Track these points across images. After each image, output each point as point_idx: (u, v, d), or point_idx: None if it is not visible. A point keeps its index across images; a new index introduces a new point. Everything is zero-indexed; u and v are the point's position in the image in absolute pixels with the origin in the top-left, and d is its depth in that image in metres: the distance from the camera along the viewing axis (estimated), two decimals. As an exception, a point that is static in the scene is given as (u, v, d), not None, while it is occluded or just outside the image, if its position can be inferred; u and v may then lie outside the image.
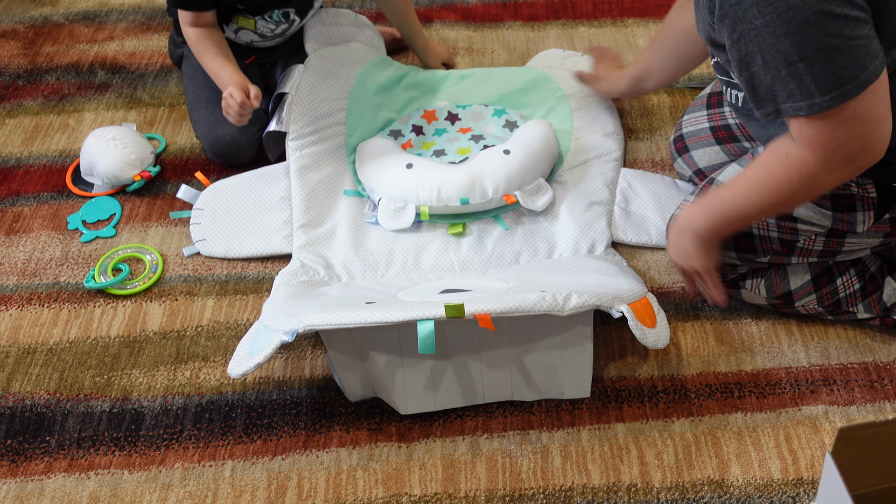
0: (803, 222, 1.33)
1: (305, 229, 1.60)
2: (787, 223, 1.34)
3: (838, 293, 1.41)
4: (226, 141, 1.70)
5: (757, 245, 1.37)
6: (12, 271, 1.60)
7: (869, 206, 1.29)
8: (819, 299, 1.42)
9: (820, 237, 1.34)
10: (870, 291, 1.42)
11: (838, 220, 1.31)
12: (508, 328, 1.27)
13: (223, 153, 1.71)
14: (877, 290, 1.42)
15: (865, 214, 1.30)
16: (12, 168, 1.80)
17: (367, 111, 1.79)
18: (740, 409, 1.36)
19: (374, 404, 1.38)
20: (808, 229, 1.33)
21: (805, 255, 1.38)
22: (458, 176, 1.58)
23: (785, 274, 1.41)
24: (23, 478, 1.30)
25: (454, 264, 1.55)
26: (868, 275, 1.42)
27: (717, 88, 1.62)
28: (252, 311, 1.52)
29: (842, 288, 1.41)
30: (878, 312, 1.43)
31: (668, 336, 1.32)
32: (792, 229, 1.34)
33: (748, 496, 1.26)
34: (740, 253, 1.38)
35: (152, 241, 1.64)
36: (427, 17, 2.16)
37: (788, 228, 1.34)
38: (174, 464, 1.32)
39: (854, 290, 1.41)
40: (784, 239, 1.35)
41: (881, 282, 1.42)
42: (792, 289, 1.41)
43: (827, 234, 1.33)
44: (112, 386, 1.42)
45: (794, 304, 1.43)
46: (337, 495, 1.27)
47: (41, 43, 2.11)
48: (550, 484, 1.28)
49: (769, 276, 1.42)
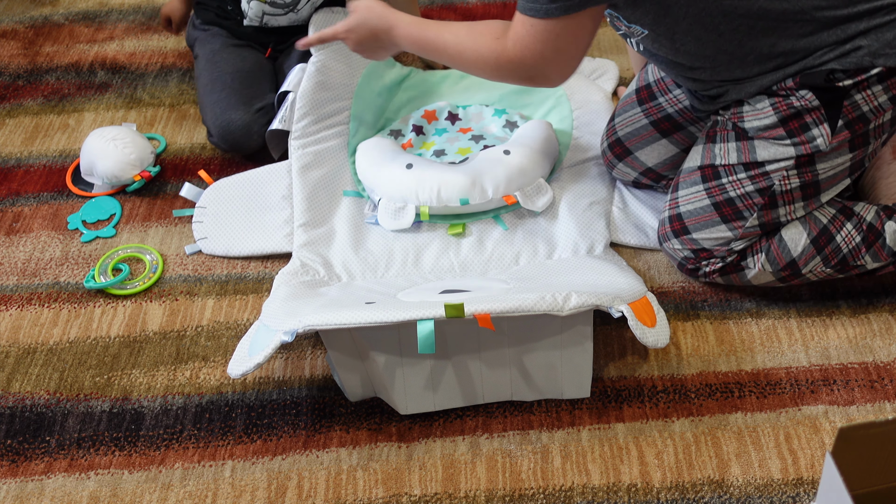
0: (770, 162, 1.35)
1: (306, 228, 1.60)
2: (756, 170, 1.37)
3: (841, 250, 1.41)
4: (236, 126, 1.70)
5: (740, 206, 1.39)
6: (12, 271, 1.60)
7: (819, 119, 1.31)
8: (824, 260, 1.41)
9: (791, 171, 1.35)
10: (871, 241, 1.41)
11: (799, 145, 1.33)
12: (508, 328, 1.27)
13: (231, 139, 1.71)
14: (878, 237, 1.41)
15: (820, 128, 1.31)
16: (12, 168, 1.80)
17: (370, 112, 1.79)
18: (740, 409, 1.36)
19: (374, 404, 1.38)
20: (778, 167, 1.35)
21: (789, 199, 1.38)
22: (458, 176, 1.58)
23: (783, 241, 1.41)
24: (23, 478, 1.30)
25: (454, 265, 1.55)
26: (866, 225, 1.42)
27: (642, 83, 1.61)
28: (252, 311, 1.52)
29: (843, 244, 1.41)
30: (887, 259, 1.42)
31: (668, 335, 1.32)
32: (763, 174, 1.36)
33: (748, 496, 1.26)
34: (729, 223, 1.40)
35: (152, 241, 1.65)
36: (427, 18, 2.15)
37: (760, 175, 1.36)
38: (174, 464, 1.32)
39: (857, 244, 1.41)
40: (760, 188, 1.37)
41: (881, 228, 1.42)
42: (794, 256, 1.41)
43: (797, 166, 1.35)
44: (112, 386, 1.42)
45: (801, 272, 1.42)
46: (337, 495, 1.27)
47: (41, 43, 2.11)
48: (550, 484, 1.28)
49: (768, 248, 1.42)
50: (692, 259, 1.45)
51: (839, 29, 1.26)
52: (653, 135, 1.57)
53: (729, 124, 1.40)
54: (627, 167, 1.61)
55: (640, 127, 1.58)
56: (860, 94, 1.29)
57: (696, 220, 1.42)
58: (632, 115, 1.60)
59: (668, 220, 1.47)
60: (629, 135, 1.59)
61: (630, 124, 1.59)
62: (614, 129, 1.62)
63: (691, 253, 1.44)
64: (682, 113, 1.55)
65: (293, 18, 1.82)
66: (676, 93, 1.55)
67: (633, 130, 1.59)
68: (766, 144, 1.35)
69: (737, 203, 1.39)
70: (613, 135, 1.61)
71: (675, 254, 1.47)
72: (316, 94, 1.72)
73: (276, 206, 1.65)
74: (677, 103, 1.55)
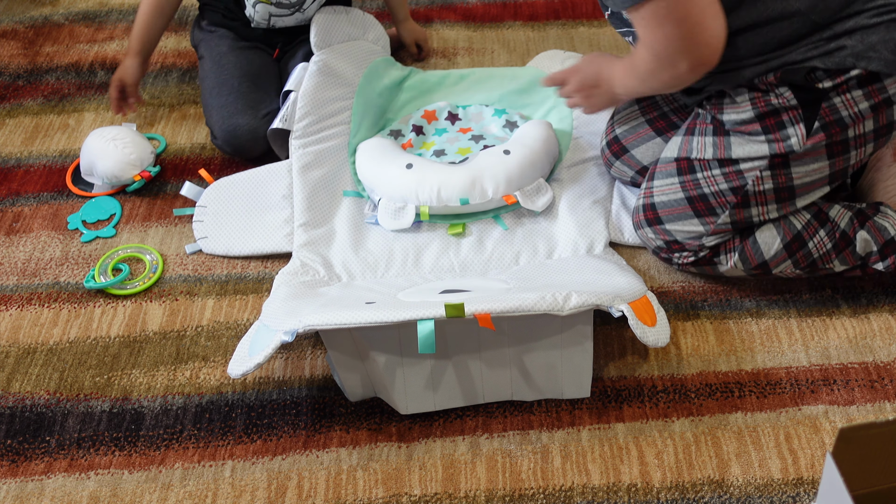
0: (743, 160, 1.36)
1: (306, 228, 1.60)
2: (730, 167, 1.37)
3: (812, 255, 1.42)
4: (243, 131, 1.69)
5: (713, 202, 1.40)
6: (12, 271, 1.60)
7: (795, 118, 1.31)
8: (795, 263, 1.43)
9: (765, 172, 1.35)
10: (842, 248, 1.43)
11: (773, 142, 1.33)
12: (508, 328, 1.27)
13: (237, 143, 1.71)
14: (849, 244, 1.43)
15: (796, 128, 1.31)
16: (12, 168, 1.80)
17: (371, 112, 1.79)
18: (740, 408, 1.36)
19: (374, 404, 1.38)
20: (751, 166, 1.36)
21: (762, 200, 1.38)
22: (458, 176, 1.58)
23: (756, 244, 1.42)
24: (23, 478, 1.30)
25: (454, 265, 1.55)
26: (839, 233, 1.43)
27: None
28: (252, 311, 1.52)
29: (814, 250, 1.42)
30: (854, 262, 1.44)
31: (668, 334, 1.32)
32: (736, 172, 1.37)
33: (748, 496, 1.26)
34: (701, 217, 1.41)
35: (152, 241, 1.65)
36: (427, 17, 2.16)
37: (733, 172, 1.37)
38: (174, 464, 1.32)
39: (827, 250, 1.42)
40: (734, 186, 1.38)
41: (852, 236, 1.43)
42: (766, 258, 1.42)
43: (770, 167, 1.35)
44: (112, 386, 1.42)
45: (771, 272, 1.44)
46: (337, 495, 1.27)
47: (41, 43, 2.11)
48: (550, 484, 1.28)
49: (742, 249, 1.43)
50: (664, 249, 1.48)
51: (827, 28, 1.26)
52: (648, 133, 1.58)
53: (708, 117, 1.41)
54: (624, 165, 1.61)
55: (636, 125, 1.59)
56: (839, 98, 1.29)
57: (669, 212, 1.45)
58: (629, 113, 1.61)
59: (641, 209, 1.49)
60: (626, 132, 1.60)
61: (627, 122, 1.61)
62: (613, 127, 1.63)
63: (664, 244, 1.47)
64: (677, 112, 1.56)
65: (300, 18, 1.82)
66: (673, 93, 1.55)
67: (630, 128, 1.60)
68: (742, 141, 1.36)
69: (710, 199, 1.40)
70: (612, 132, 1.62)
71: (648, 242, 1.51)
72: (317, 94, 1.72)
73: (277, 206, 1.65)
74: (673, 101, 1.57)
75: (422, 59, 2.02)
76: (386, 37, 1.94)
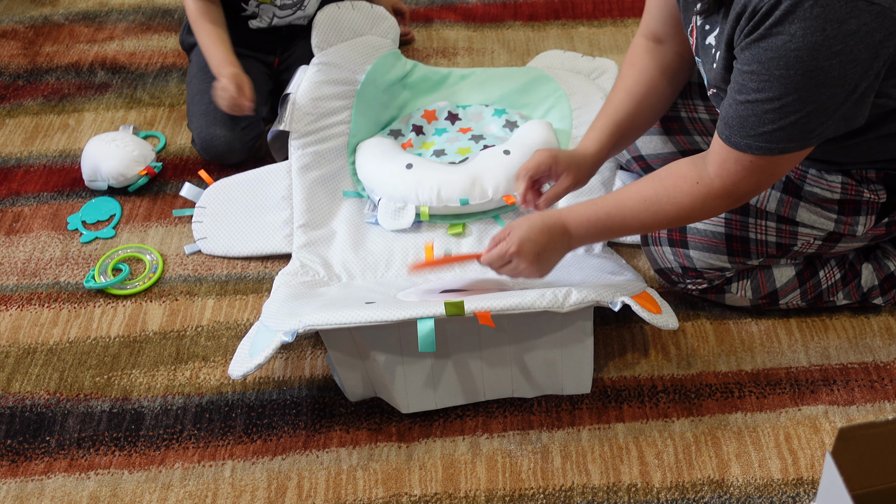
0: (805, 226, 1.33)
1: (305, 229, 1.60)
2: (787, 227, 1.34)
3: (821, 286, 1.42)
4: (219, 142, 1.70)
5: (752, 248, 1.36)
6: (12, 271, 1.60)
7: (873, 209, 1.30)
8: (802, 294, 1.43)
9: (818, 241, 1.34)
10: (850, 279, 1.43)
11: (841, 223, 1.31)
12: (509, 325, 1.27)
13: (214, 153, 1.72)
14: (856, 276, 1.43)
15: (868, 218, 1.31)
16: (12, 168, 1.80)
17: (371, 112, 1.78)
18: (740, 409, 1.36)
19: (374, 404, 1.38)
20: (809, 233, 1.33)
21: (797, 256, 1.38)
22: (458, 176, 1.58)
23: (770, 273, 1.41)
24: (23, 478, 1.30)
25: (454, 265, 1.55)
26: (847, 263, 1.43)
27: None
28: (252, 311, 1.52)
29: (824, 280, 1.42)
30: (857, 299, 1.44)
31: (676, 319, 1.29)
32: (792, 233, 1.34)
33: (748, 496, 1.26)
34: (732, 257, 1.37)
35: (152, 241, 1.65)
36: (427, 17, 2.16)
37: (788, 232, 1.34)
38: (174, 464, 1.32)
39: (835, 281, 1.42)
40: (782, 244, 1.35)
41: (859, 268, 1.43)
42: (777, 287, 1.41)
43: (825, 238, 1.34)
44: (112, 386, 1.42)
45: (778, 302, 1.43)
46: (337, 495, 1.27)
47: (41, 43, 2.11)
48: (550, 484, 1.28)
49: (755, 276, 1.41)
50: (677, 273, 1.42)
51: None
52: (656, 128, 1.53)
53: None
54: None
55: None
56: None
57: (700, 240, 1.38)
58: None
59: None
60: None
61: None
62: None
63: (679, 268, 1.41)
64: (693, 121, 1.50)
65: (301, 15, 1.81)
66: (696, 101, 1.49)
67: None
68: (811, 210, 1.32)
69: (750, 245, 1.36)
70: None
71: (660, 260, 1.43)
72: (317, 94, 1.72)
73: (276, 207, 1.64)
74: (693, 111, 1.50)
75: (405, 26, 2.00)
76: (397, 29, 1.89)
